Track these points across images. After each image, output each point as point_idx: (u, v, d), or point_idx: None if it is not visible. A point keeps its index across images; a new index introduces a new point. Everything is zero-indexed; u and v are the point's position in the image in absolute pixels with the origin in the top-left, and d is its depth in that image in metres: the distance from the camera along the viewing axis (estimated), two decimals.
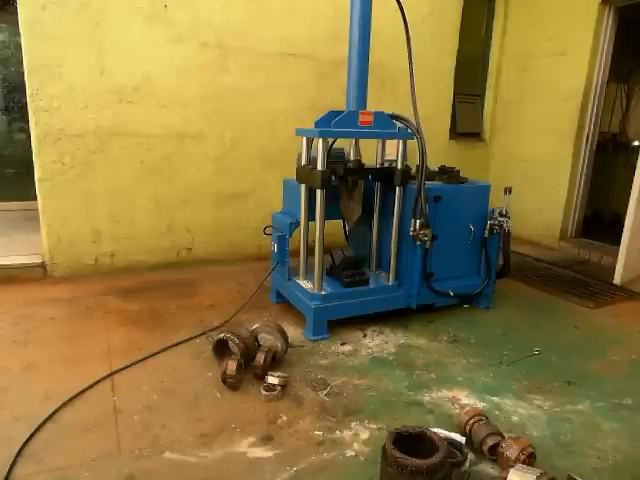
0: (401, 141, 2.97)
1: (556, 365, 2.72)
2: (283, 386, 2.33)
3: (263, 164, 4.32)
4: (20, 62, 3.52)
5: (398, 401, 2.32)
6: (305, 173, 2.89)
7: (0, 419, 2.07)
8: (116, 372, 2.45)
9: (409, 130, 2.98)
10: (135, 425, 2.07)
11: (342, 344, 2.86)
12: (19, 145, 5.53)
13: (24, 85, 3.47)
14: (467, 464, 1.82)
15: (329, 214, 2.93)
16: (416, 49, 3.21)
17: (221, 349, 2.53)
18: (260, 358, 2.39)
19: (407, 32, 3.04)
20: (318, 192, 2.79)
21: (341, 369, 2.58)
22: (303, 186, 2.94)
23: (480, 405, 2.31)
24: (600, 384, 2.53)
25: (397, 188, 3.03)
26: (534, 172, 5.14)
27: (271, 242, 3.24)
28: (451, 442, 1.86)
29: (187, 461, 1.88)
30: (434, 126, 4.98)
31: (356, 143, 3.15)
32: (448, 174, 3.31)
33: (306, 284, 3.06)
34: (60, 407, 2.15)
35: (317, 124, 2.90)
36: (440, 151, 5.04)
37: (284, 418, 2.15)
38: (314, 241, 2.90)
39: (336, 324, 3.00)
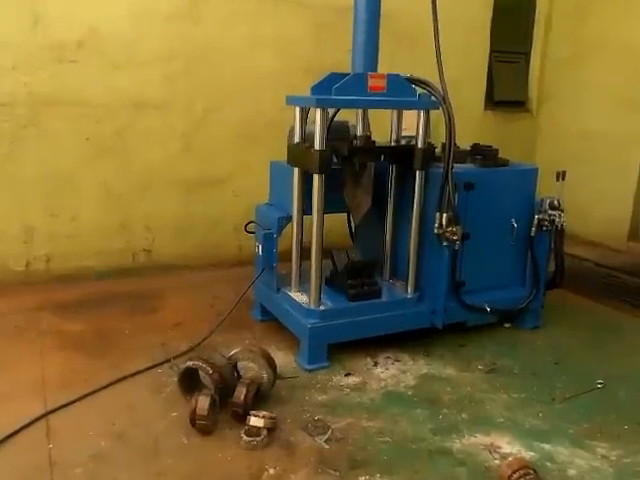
0: (422, 112, 2.95)
1: (625, 402, 2.70)
2: (270, 429, 2.30)
3: (244, 142, 4.30)
4: None
5: (419, 449, 2.30)
6: (299, 153, 2.88)
7: None
8: (53, 411, 2.42)
9: (433, 98, 2.96)
10: None
11: (346, 375, 2.85)
12: None
13: None
14: None
15: (330, 206, 2.91)
16: None
17: (190, 381, 2.51)
18: (240, 393, 2.37)
19: None
20: (316, 178, 2.77)
21: (345, 407, 2.56)
22: (296, 170, 2.92)
23: (527, 455, 2.29)
24: None
25: (417, 173, 3.01)
26: (595, 151, 5.12)
27: (255, 242, 3.23)
28: None
29: None
30: (465, 93, 4.95)
31: (364, 115, 3.13)
32: (483, 155, 3.30)
33: (300, 297, 3.04)
34: None
35: (314, 90, 2.89)
36: (473, 125, 5.01)
37: (271, 472, 2.13)
38: (310, 241, 2.88)
39: (339, 349, 2.98)
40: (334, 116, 3.11)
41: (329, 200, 2.86)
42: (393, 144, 3.18)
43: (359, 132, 3.13)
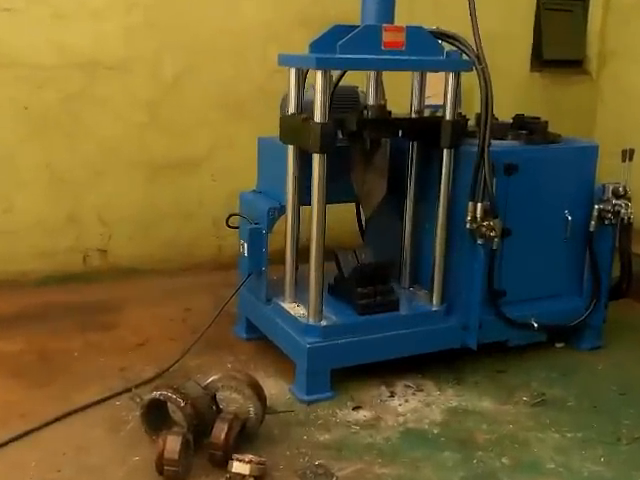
0: (451, 75, 2.95)
1: None
2: (258, 477, 2.30)
3: (225, 113, 4.32)
4: None
5: None
6: (295, 127, 2.88)
7: None
8: None
9: (464, 56, 2.97)
10: None
11: (355, 408, 2.85)
12: None
13: None
14: None
15: (334, 194, 2.92)
16: None
17: (156, 416, 2.51)
18: (220, 431, 2.36)
19: None
20: (316, 158, 2.77)
21: (353, 450, 2.56)
22: (291, 149, 2.93)
23: None
24: None
25: (445, 152, 3.01)
26: None
27: (238, 240, 3.23)
28: None
29: None
30: (506, 50, 4.95)
31: (377, 79, 3.13)
32: (529, 129, 3.30)
33: (296, 309, 3.05)
34: None
35: (314, 47, 2.88)
36: (516, 91, 5.02)
37: None
38: (309, 239, 2.88)
39: (345, 375, 2.99)
40: (339, 80, 3.11)
41: (333, 187, 2.86)
42: (414, 116, 3.18)
43: (371, 100, 3.13)
